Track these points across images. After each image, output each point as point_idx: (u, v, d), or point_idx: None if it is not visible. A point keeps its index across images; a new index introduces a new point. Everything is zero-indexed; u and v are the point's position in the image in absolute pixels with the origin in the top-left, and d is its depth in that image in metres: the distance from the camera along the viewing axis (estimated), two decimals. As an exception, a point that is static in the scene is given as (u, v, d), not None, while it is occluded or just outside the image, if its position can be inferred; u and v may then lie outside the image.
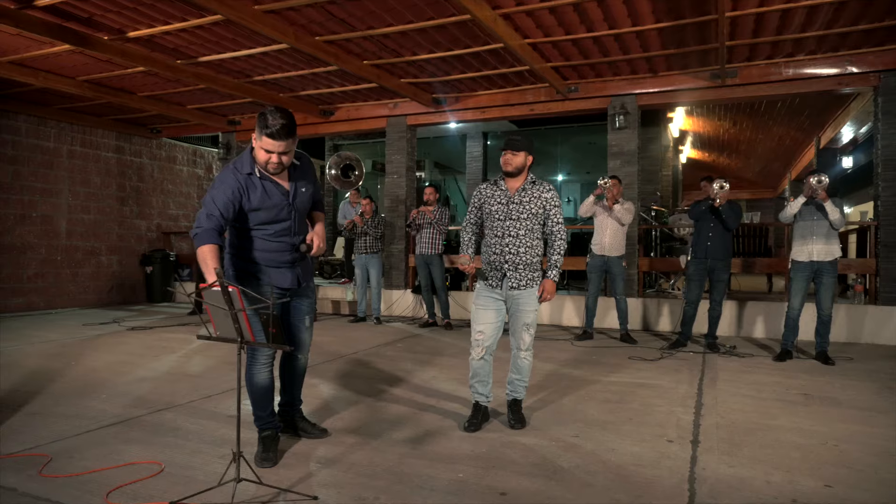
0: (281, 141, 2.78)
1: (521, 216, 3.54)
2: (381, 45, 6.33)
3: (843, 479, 2.86)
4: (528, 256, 3.55)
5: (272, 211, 2.94)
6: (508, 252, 3.54)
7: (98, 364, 5.37)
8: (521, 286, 3.55)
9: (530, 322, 3.58)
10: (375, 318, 8.08)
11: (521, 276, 3.55)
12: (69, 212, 9.64)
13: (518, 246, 3.54)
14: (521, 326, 3.59)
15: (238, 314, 2.27)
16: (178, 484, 2.71)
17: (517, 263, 3.54)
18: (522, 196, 3.55)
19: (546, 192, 3.57)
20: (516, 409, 3.69)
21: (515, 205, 3.55)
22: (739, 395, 4.41)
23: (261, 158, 2.85)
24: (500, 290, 3.59)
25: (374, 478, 2.83)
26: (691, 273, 6.10)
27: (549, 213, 3.57)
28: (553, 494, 2.67)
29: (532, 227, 3.56)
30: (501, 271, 3.57)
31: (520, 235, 3.54)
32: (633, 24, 5.71)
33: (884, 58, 6.54)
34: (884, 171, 6.69)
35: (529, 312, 3.56)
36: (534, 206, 3.54)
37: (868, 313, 6.68)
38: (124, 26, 5.80)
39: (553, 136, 12.89)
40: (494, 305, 3.60)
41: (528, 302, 3.55)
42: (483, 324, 3.58)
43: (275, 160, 2.83)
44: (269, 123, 2.75)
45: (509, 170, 3.51)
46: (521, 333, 3.59)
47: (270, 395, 3.10)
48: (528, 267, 3.55)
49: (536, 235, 3.59)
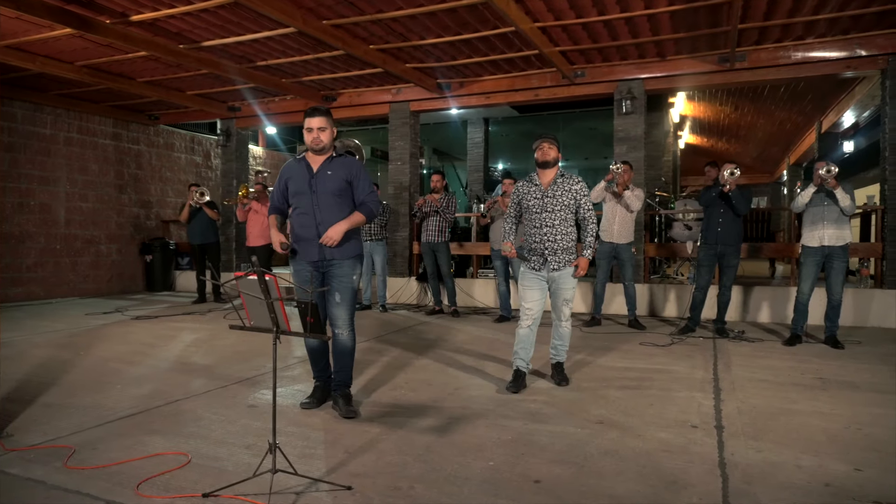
0: (315, 117, 3.44)
1: (555, 208, 4.07)
2: (388, 30, 6.23)
3: (872, 463, 2.87)
4: (565, 242, 4.09)
5: (299, 186, 3.52)
6: (547, 239, 4.08)
7: (108, 354, 5.31)
8: (561, 267, 4.09)
9: (569, 298, 4.19)
10: (381, 306, 8.05)
11: (559, 259, 4.09)
12: (67, 200, 9.51)
13: (555, 234, 4.08)
14: (561, 302, 4.18)
15: (275, 304, 2.23)
16: (208, 475, 2.68)
17: (556, 249, 4.08)
18: (555, 190, 4.08)
19: (575, 185, 4.11)
20: (560, 370, 4.32)
21: (549, 198, 4.08)
22: (756, 380, 4.42)
23: (307, 139, 3.49)
24: (543, 271, 4.12)
25: (405, 467, 2.81)
26: (701, 259, 6.10)
27: (580, 202, 4.11)
28: (587, 482, 2.66)
29: (566, 216, 4.10)
30: (543, 256, 4.11)
31: (555, 224, 4.07)
32: (645, 7, 5.65)
33: (893, 40, 6.51)
34: (891, 154, 6.69)
35: (568, 290, 4.16)
36: (566, 198, 4.08)
37: (875, 297, 6.71)
38: (127, 9, 5.67)
39: (554, 121, 12.82)
40: (538, 285, 4.16)
41: (567, 281, 4.12)
42: (530, 301, 4.17)
43: (314, 135, 3.45)
44: (308, 108, 3.51)
45: (548, 160, 4.04)
46: (562, 307, 4.20)
47: (320, 355, 3.69)
48: (566, 251, 4.10)
49: (570, 223, 4.13)
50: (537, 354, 4.77)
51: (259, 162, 13.17)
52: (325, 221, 3.47)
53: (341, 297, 3.53)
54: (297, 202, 3.56)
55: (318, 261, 3.52)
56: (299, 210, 3.55)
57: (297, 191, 3.55)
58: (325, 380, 3.74)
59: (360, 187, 3.59)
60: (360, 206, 3.60)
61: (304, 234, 3.53)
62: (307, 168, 3.54)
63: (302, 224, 3.54)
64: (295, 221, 3.59)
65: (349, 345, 3.60)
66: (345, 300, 3.54)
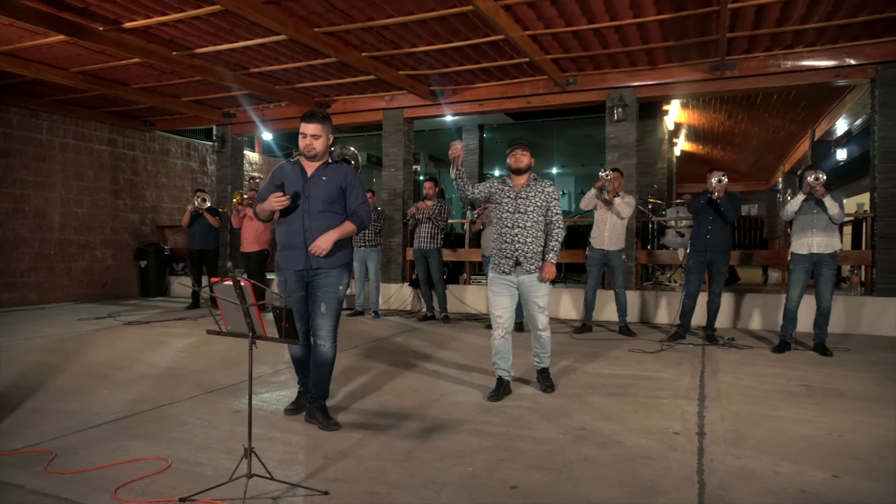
0: (310, 124, 3.37)
1: (527, 209, 4.02)
2: (380, 37, 6.27)
3: (850, 470, 2.88)
4: (535, 245, 4.04)
5: (291, 190, 3.38)
6: (519, 241, 4.01)
7: (97, 359, 5.32)
8: (531, 271, 4.02)
9: (543, 305, 4.09)
10: (374, 312, 8.06)
11: (530, 262, 4.02)
12: (62, 205, 9.54)
13: (527, 236, 4.02)
14: (535, 309, 4.09)
15: (250, 309, 2.25)
16: (187, 480, 2.69)
17: (526, 252, 4.01)
18: (528, 192, 4.04)
19: (548, 188, 4.08)
20: (545, 376, 4.29)
21: (522, 199, 4.03)
22: (742, 387, 4.43)
23: (301, 144, 3.43)
24: (512, 275, 4.04)
25: (384, 472, 2.82)
26: (691, 266, 6.12)
27: (550, 205, 4.07)
28: (564, 488, 2.67)
29: (537, 219, 4.05)
30: (513, 259, 4.03)
31: (527, 226, 4.02)
32: (634, 16, 5.69)
33: (882, 49, 6.56)
34: (881, 162, 6.72)
35: (542, 296, 4.07)
36: (538, 199, 4.04)
37: (865, 304, 6.73)
38: (120, 16, 5.72)
39: (548, 128, 12.87)
40: (508, 291, 4.09)
41: (538, 286, 4.04)
42: (500, 308, 4.09)
43: (308, 142, 3.38)
44: (306, 113, 3.42)
45: (521, 167, 4.01)
46: (538, 315, 4.12)
47: (302, 363, 3.65)
48: (536, 255, 4.04)
49: (541, 227, 4.09)
50: (522, 361, 4.80)
51: (255, 168, 13.20)
52: (314, 229, 3.37)
53: (327, 308, 3.43)
54: (287, 209, 3.41)
55: (303, 269, 3.41)
56: (288, 216, 3.44)
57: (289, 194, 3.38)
58: (305, 385, 3.71)
59: (353, 195, 3.49)
60: (351, 216, 3.49)
61: (290, 240, 3.43)
62: (301, 172, 3.45)
63: (289, 230, 3.44)
64: (282, 227, 3.49)
65: (330, 356, 3.49)
66: (330, 311, 3.44)
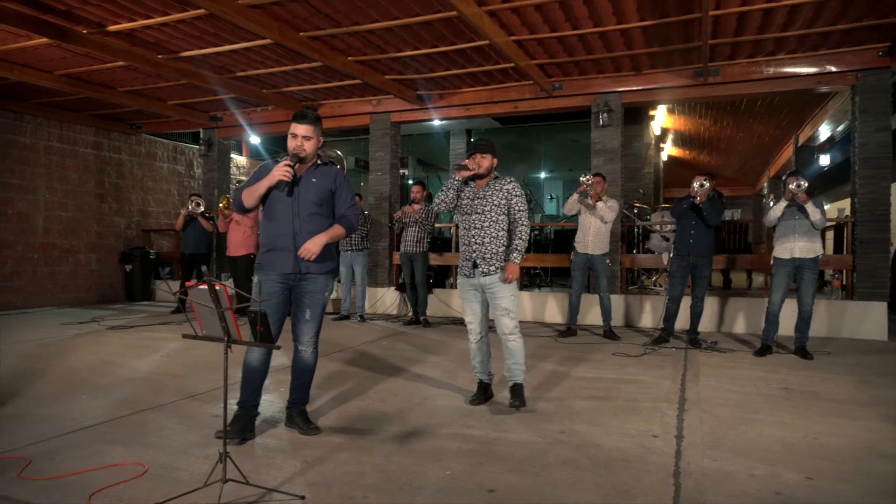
0: (302, 124, 3.26)
1: (484, 209, 3.86)
2: (365, 42, 6.29)
3: (824, 472, 2.92)
4: (494, 245, 3.85)
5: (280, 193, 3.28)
6: (475, 243, 3.87)
7: (78, 364, 5.28)
8: (491, 273, 3.84)
9: (508, 307, 3.86)
10: (360, 316, 8.05)
11: (489, 263, 3.84)
12: (46, 209, 9.46)
13: (483, 237, 3.85)
14: (501, 313, 3.88)
15: (225, 313, 2.25)
16: (163, 485, 2.68)
17: (484, 253, 3.85)
18: (486, 191, 3.88)
19: (507, 184, 3.89)
20: (517, 392, 3.94)
21: (479, 199, 3.88)
22: (722, 390, 4.47)
23: (290, 145, 3.30)
24: (474, 278, 3.88)
25: (362, 476, 2.82)
26: (674, 270, 6.17)
27: (511, 202, 3.86)
28: (542, 491, 2.68)
29: (496, 217, 3.86)
30: (472, 261, 3.89)
31: (485, 227, 3.85)
32: (617, 22, 5.74)
33: (862, 57, 6.65)
34: (861, 168, 6.81)
35: (506, 298, 3.85)
36: (496, 197, 3.86)
37: (845, 308, 6.80)
38: (104, 19, 5.69)
39: (536, 133, 12.94)
40: (475, 297, 3.96)
41: (500, 288, 3.84)
42: (470, 314, 3.98)
43: (298, 142, 3.27)
44: (298, 112, 3.32)
45: (481, 171, 3.82)
46: (502, 319, 3.89)
47: (256, 377, 3.34)
48: (496, 256, 3.85)
49: (501, 227, 3.88)
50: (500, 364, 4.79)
51: (242, 171, 13.16)
52: (304, 231, 3.27)
53: (311, 314, 3.37)
54: (275, 209, 3.32)
55: (291, 273, 3.30)
56: (275, 217, 3.31)
57: (278, 197, 3.29)
58: (249, 409, 3.36)
59: (342, 198, 3.43)
60: (340, 219, 3.42)
61: (278, 243, 3.30)
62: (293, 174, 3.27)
63: (276, 232, 3.30)
64: (268, 229, 3.35)
65: (312, 362, 3.45)
66: (314, 317, 3.39)
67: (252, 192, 3.27)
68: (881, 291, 6.72)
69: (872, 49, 6.53)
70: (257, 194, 3.26)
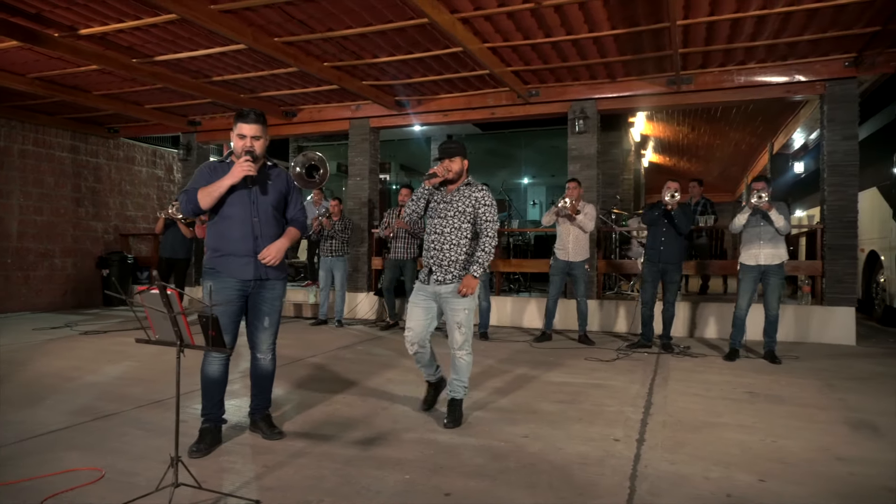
0: (248, 123, 3.14)
1: (448, 214, 3.66)
2: (340, 48, 6.31)
3: (778, 474, 2.97)
4: (453, 254, 3.63)
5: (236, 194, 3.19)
6: (433, 249, 3.67)
7: (46, 370, 5.22)
8: (446, 281, 3.63)
9: (460, 321, 3.63)
10: (337, 321, 8.04)
11: (444, 272, 3.64)
12: (20, 213, 9.35)
13: (442, 243, 3.64)
14: (453, 325, 3.66)
15: (177, 318, 2.25)
16: (118, 490, 2.66)
17: (441, 260, 3.64)
18: (453, 196, 3.68)
19: (477, 192, 3.67)
20: (453, 409, 3.74)
21: (446, 203, 3.68)
22: (689, 394, 4.52)
23: (237, 146, 3.18)
24: (429, 285, 3.68)
25: (321, 480, 2.83)
26: (645, 275, 6.25)
27: (479, 210, 3.64)
28: (498, 494, 2.70)
29: (459, 224, 3.64)
30: (428, 267, 3.70)
31: (445, 233, 3.65)
32: (589, 30, 5.82)
33: (830, 67, 6.79)
34: (829, 176, 6.94)
35: (459, 311, 3.62)
36: (462, 204, 3.65)
37: (815, 313, 6.91)
38: (75, 23, 5.66)
39: (517, 139, 13.01)
40: (424, 303, 3.71)
41: (456, 300, 3.62)
42: (413, 320, 3.73)
43: (247, 143, 3.15)
44: (243, 112, 3.18)
45: (450, 177, 3.63)
46: (454, 332, 3.67)
47: (217, 387, 3.27)
48: (453, 264, 3.63)
49: (464, 234, 3.65)
50: (474, 369, 4.80)
51: (223, 176, 13.09)
52: (265, 235, 3.23)
53: (270, 321, 3.34)
54: (230, 212, 3.19)
55: (251, 280, 3.22)
56: (231, 220, 3.19)
57: (233, 200, 3.18)
58: (216, 420, 3.30)
59: (294, 202, 3.41)
60: (293, 222, 3.40)
61: (235, 248, 3.19)
62: None
63: (234, 237, 3.19)
64: (223, 232, 3.21)
65: (271, 369, 3.44)
66: (273, 323, 3.36)
67: (210, 192, 3.10)
68: (849, 297, 6.83)
69: (839, 59, 6.67)
70: (217, 194, 3.10)
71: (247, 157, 3.09)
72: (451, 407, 3.75)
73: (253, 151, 3.16)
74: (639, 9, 5.30)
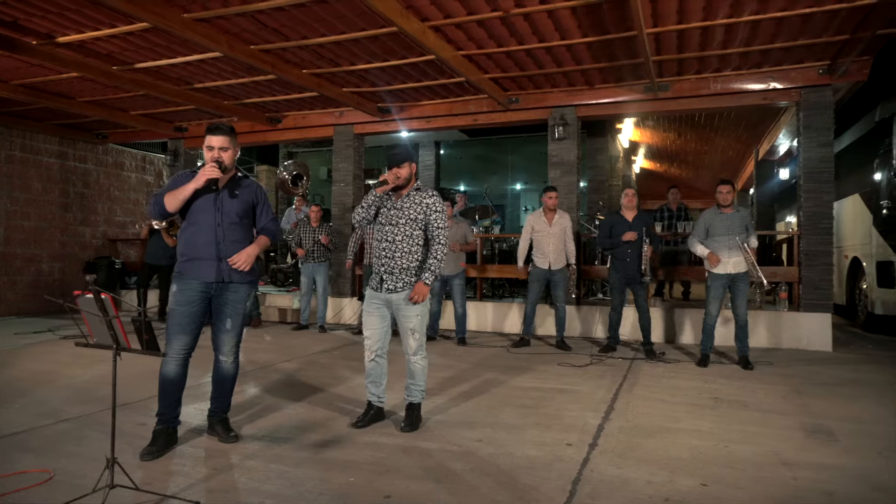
0: (218, 136, 3.29)
1: (399, 221, 3.64)
2: (317, 55, 6.37)
3: (721, 478, 2.99)
4: (405, 261, 3.63)
5: (202, 202, 3.32)
6: (385, 256, 3.65)
7: (20, 373, 5.27)
8: (398, 289, 3.64)
9: (413, 327, 3.66)
10: (320, 326, 8.08)
11: (396, 279, 3.64)
12: (7, 218, 9.42)
13: (394, 251, 3.63)
14: (406, 332, 3.69)
15: (112, 321, 2.29)
16: (63, 492, 2.70)
17: (392, 268, 3.63)
18: (403, 203, 3.67)
19: (428, 198, 3.67)
20: (410, 413, 3.78)
21: (396, 210, 3.66)
22: (653, 400, 4.55)
23: (207, 157, 3.32)
24: (381, 293, 3.68)
25: (265, 482, 2.87)
26: (612, 281, 6.31)
27: (430, 217, 3.65)
28: (437, 497, 2.74)
29: (410, 232, 3.64)
30: (379, 275, 3.70)
31: (396, 240, 3.63)
32: (561, 38, 5.87)
33: (805, 74, 6.84)
34: (805, 182, 6.98)
35: (411, 318, 3.65)
36: (413, 211, 3.65)
37: (791, 319, 6.93)
38: (52, 31, 5.73)
39: (504, 145, 13.07)
40: (378, 311, 3.71)
41: (409, 307, 3.64)
42: (370, 329, 3.73)
43: (216, 154, 3.28)
44: (211, 125, 3.34)
45: (400, 183, 3.62)
46: (407, 339, 3.71)
47: (173, 388, 3.32)
48: (405, 271, 3.64)
49: (416, 241, 3.66)
50: (444, 373, 4.86)
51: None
52: (227, 240, 3.34)
53: (232, 324, 3.42)
54: (196, 218, 3.33)
55: (213, 282, 3.33)
56: (197, 227, 3.33)
57: (199, 207, 3.32)
58: (170, 421, 3.34)
59: (264, 213, 3.53)
60: (263, 230, 3.53)
61: (201, 252, 3.31)
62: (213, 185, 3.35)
63: (199, 242, 3.31)
64: (189, 238, 3.35)
65: (232, 372, 3.49)
66: (235, 326, 3.43)
67: (176, 196, 3.24)
68: (825, 303, 6.86)
69: (813, 67, 6.72)
70: (182, 197, 3.25)
71: (213, 165, 3.23)
72: (409, 411, 3.79)
73: (221, 161, 3.28)
74: (606, 17, 5.35)
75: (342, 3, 5.04)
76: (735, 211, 5.75)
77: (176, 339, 3.26)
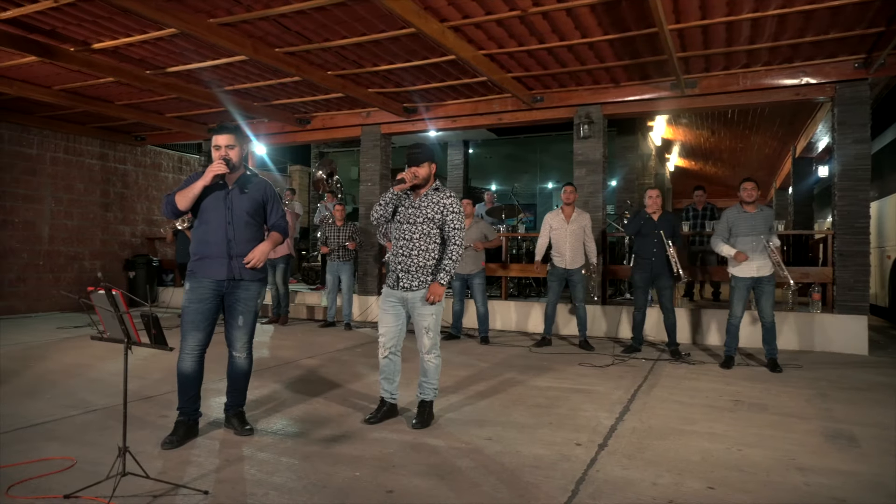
0: (223, 135, 3.38)
1: (416, 220, 3.68)
2: (340, 57, 6.47)
3: (729, 482, 2.95)
4: (421, 260, 3.67)
5: (212, 200, 3.40)
6: (402, 254, 3.70)
7: (55, 366, 5.51)
8: (413, 288, 3.68)
9: (428, 325, 3.70)
10: (346, 324, 8.20)
11: (412, 278, 3.68)
12: (52, 217, 9.84)
13: (411, 249, 3.67)
14: (420, 330, 3.74)
15: (123, 316, 2.40)
16: (82, 479, 2.82)
17: (409, 266, 3.68)
18: (422, 202, 3.71)
19: (445, 199, 3.71)
20: (422, 410, 3.83)
21: (414, 209, 3.71)
22: (670, 401, 4.48)
23: (214, 156, 3.39)
24: (397, 290, 3.72)
25: (273, 474, 2.95)
26: (636, 281, 6.22)
27: (447, 217, 3.68)
28: (438, 494, 2.77)
29: (428, 231, 3.68)
30: (395, 273, 3.74)
31: (413, 239, 3.68)
32: (582, 36, 5.82)
33: (839, 68, 6.62)
34: (840, 180, 6.75)
35: (426, 316, 3.69)
36: (430, 210, 3.68)
37: (824, 321, 6.72)
38: (88, 38, 5.97)
39: (533, 144, 13.02)
40: (393, 309, 3.76)
41: (424, 306, 3.68)
42: (384, 326, 3.78)
43: (223, 153, 3.36)
44: (216, 126, 3.38)
45: (418, 182, 3.67)
46: (421, 337, 3.75)
47: (189, 384, 3.43)
48: (421, 270, 3.68)
49: (433, 240, 3.70)
50: (463, 372, 4.87)
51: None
52: (238, 239, 3.42)
53: (244, 321, 3.49)
54: (207, 217, 3.42)
55: (225, 280, 3.41)
56: (208, 225, 3.42)
57: (210, 206, 3.41)
58: (191, 414, 3.46)
59: (274, 211, 3.60)
60: (274, 227, 3.60)
61: (211, 250, 3.39)
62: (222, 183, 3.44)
63: (210, 240, 3.40)
64: (200, 236, 3.44)
65: (245, 368, 3.57)
66: (247, 323, 3.51)
67: (186, 195, 3.36)
68: (861, 304, 6.63)
69: (848, 61, 6.49)
70: (191, 195, 3.35)
71: (221, 162, 3.32)
72: (421, 408, 3.84)
73: (229, 159, 3.37)
74: (626, 14, 5.28)
75: (361, 5, 5.11)
76: (759, 210, 5.62)
77: (190, 335, 3.37)
